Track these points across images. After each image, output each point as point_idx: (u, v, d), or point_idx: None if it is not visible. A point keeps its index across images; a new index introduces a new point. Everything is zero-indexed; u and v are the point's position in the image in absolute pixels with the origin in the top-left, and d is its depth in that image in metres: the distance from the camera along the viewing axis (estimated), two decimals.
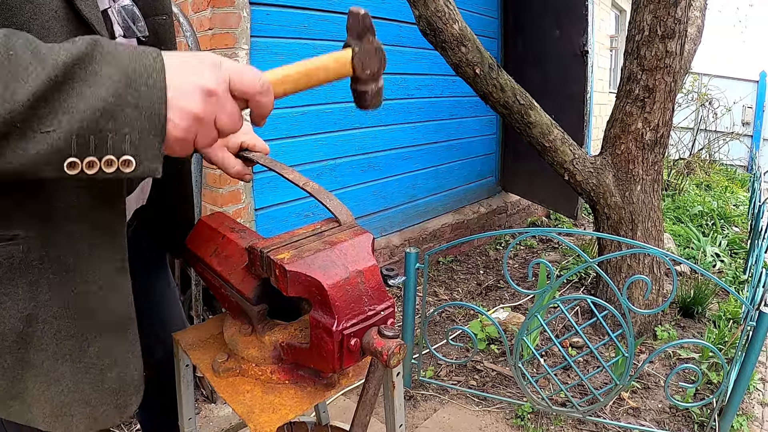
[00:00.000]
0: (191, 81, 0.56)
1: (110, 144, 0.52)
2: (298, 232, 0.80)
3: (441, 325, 2.94)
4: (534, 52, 3.94)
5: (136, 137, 0.53)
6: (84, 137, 0.51)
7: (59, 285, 0.69)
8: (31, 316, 0.68)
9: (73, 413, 0.72)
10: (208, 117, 0.58)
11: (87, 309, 0.71)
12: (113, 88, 0.51)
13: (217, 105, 0.59)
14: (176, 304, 1.19)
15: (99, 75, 0.51)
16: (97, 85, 0.51)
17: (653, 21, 2.42)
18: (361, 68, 0.77)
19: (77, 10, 0.62)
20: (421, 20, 2.40)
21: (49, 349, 0.70)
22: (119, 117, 0.52)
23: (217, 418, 2.04)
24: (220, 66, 0.59)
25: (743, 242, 4.43)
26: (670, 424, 2.12)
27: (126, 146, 0.53)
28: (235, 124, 0.62)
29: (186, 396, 1.06)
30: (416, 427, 2.10)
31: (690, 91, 8.04)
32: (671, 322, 2.93)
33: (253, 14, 2.41)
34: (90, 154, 0.52)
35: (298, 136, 2.73)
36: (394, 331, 0.71)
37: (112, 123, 0.51)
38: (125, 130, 0.52)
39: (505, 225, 4.57)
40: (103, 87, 0.51)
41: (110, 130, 0.52)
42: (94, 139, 0.51)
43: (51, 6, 0.59)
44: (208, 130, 0.60)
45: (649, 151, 2.60)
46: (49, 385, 0.70)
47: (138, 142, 0.53)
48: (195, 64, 0.58)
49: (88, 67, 0.51)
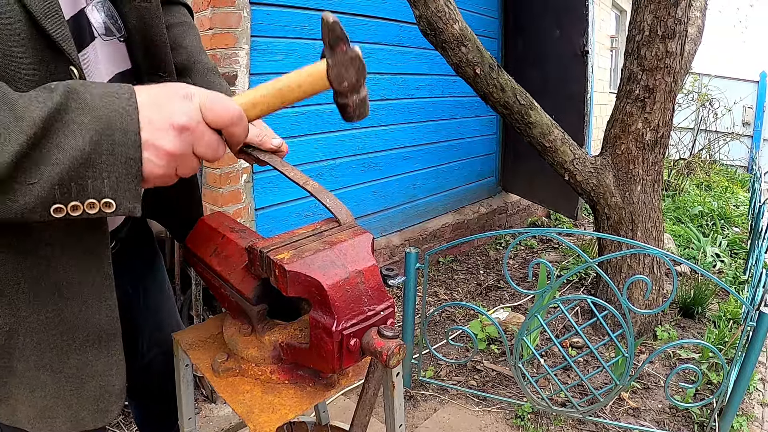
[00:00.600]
0: (164, 119, 0.57)
1: (91, 189, 0.54)
2: (298, 232, 0.79)
3: (441, 325, 2.94)
4: (534, 52, 3.94)
5: (114, 181, 0.55)
6: (66, 185, 0.53)
7: (39, 301, 0.70)
8: (12, 330, 0.69)
9: (55, 416, 0.74)
10: (185, 151, 0.59)
11: (67, 324, 0.72)
12: (89, 137, 0.53)
13: (193, 138, 0.59)
14: (172, 308, 1.19)
15: (75, 125, 0.53)
16: (74, 135, 0.53)
17: (653, 21, 2.42)
18: (337, 81, 0.71)
19: (42, 29, 0.60)
20: (422, 20, 2.39)
21: (30, 360, 0.71)
22: (97, 164, 0.54)
23: (216, 417, 2.04)
24: (191, 99, 0.59)
25: (743, 242, 4.42)
26: (670, 424, 2.12)
27: (105, 190, 0.55)
28: (214, 152, 0.62)
29: (186, 396, 1.06)
30: (416, 427, 2.10)
31: (690, 92, 8.04)
32: (671, 323, 2.93)
33: (253, 14, 2.41)
34: (73, 199, 0.54)
35: (297, 136, 2.73)
36: (393, 331, 0.71)
37: (91, 170, 0.54)
38: (104, 176, 0.54)
39: (505, 225, 4.57)
40: (80, 137, 0.53)
41: (90, 177, 0.54)
42: (75, 186, 0.53)
43: (11, 29, 0.58)
44: (187, 162, 0.60)
45: (650, 151, 2.60)
46: (32, 390, 0.72)
47: (117, 186, 0.55)
48: (166, 99, 0.58)
49: (65, 118, 0.53)
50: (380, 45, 3.16)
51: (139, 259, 1.04)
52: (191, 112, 0.58)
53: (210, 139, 0.61)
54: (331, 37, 0.70)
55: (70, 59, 0.63)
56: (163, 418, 1.22)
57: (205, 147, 0.60)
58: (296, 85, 0.71)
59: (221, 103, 0.61)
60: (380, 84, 3.21)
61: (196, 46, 1.00)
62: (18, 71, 0.59)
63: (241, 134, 0.64)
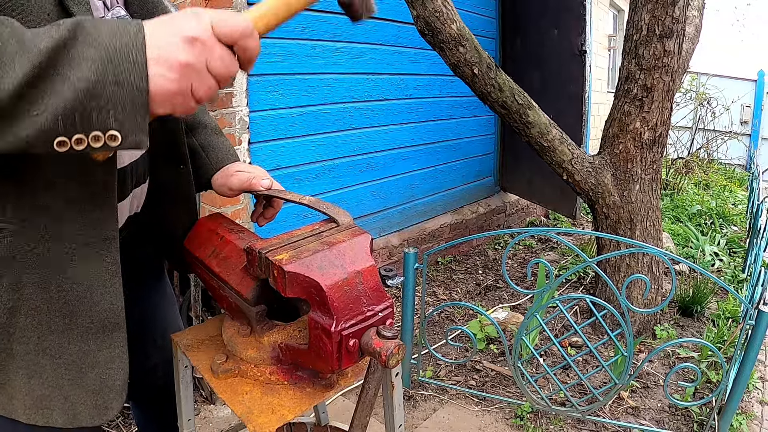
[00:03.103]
0: (173, 33, 0.57)
1: (95, 120, 0.54)
2: (297, 233, 0.79)
3: (440, 325, 2.94)
4: (532, 51, 3.95)
5: (119, 112, 0.54)
6: (70, 117, 0.53)
7: (43, 281, 0.70)
8: (14, 308, 0.70)
9: (52, 407, 0.74)
10: (199, 63, 0.58)
11: (71, 308, 0.72)
12: (95, 68, 0.53)
13: (205, 50, 0.58)
14: (174, 312, 1.19)
15: (81, 57, 0.53)
16: (79, 67, 0.52)
17: (651, 20, 2.42)
18: None
19: (71, 13, 0.64)
20: (419, 20, 2.39)
21: (30, 342, 0.71)
22: (102, 95, 0.53)
23: (216, 419, 2.04)
24: (201, 14, 0.59)
25: (742, 241, 4.43)
26: (669, 423, 2.12)
27: (111, 121, 0.54)
28: (228, 67, 0.61)
29: (185, 397, 1.06)
30: (416, 427, 2.10)
31: (688, 91, 8.05)
32: (670, 321, 2.94)
33: None
34: (77, 131, 0.54)
35: (296, 136, 2.73)
36: (392, 331, 0.71)
37: (95, 101, 0.53)
38: (109, 107, 0.54)
39: (504, 225, 4.57)
40: (85, 68, 0.52)
41: (94, 108, 0.53)
42: (79, 117, 0.53)
43: (43, 9, 0.61)
44: (203, 78, 0.59)
45: (648, 150, 2.60)
46: (30, 377, 0.72)
47: (122, 117, 0.55)
48: (175, 19, 0.58)
49: (71, 50, 0.52)
50: (378, 45, 3.16)
51: (140, 262, 1.04)
52: (202, 25, 0.58)
53: (222, 52, 0.60)
54: None
55: None
56: (164, 420, 1.22)
57: (218, 61, 0.59)
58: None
59: (231, 17, 0.60)
60: (378, 84, 3.21)
61: (200, 108, 1.03)
62: None
63: (254, 48, 0.63)
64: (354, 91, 3.06)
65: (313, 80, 2.78)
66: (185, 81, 0.57)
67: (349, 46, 2.95)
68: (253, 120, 2.47)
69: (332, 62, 2.86)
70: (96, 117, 0.54)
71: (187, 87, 0.58)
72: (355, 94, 3.07)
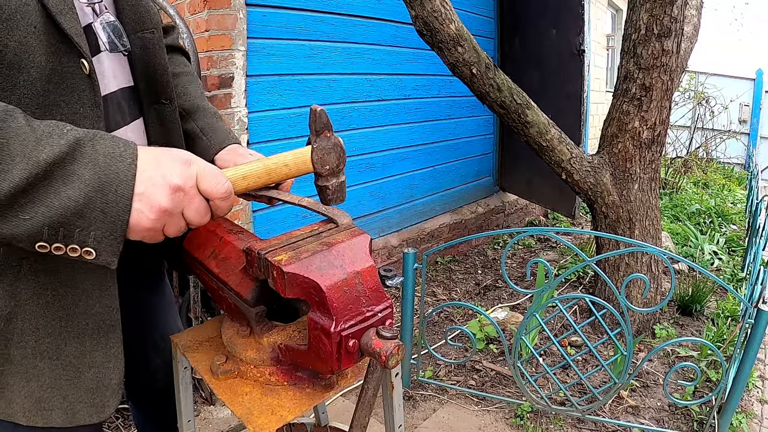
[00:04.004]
0: (161, 176, 0.62)
1: (76, 236, 0.58)
2: (296, 234, 0.79)
3: (440, 325, 2.94)
4: (530, 51, 3.95)
5: (99, 235, 0.59)
6: (55, 229, 0.57)
7: (39, 286, 0.71)
8: (11, 314, 0.71)
9: (51, 407, 0.75)
10: (176, 210, 0.63)
11: (67, 311, 0.74)
12: (86, 191, 0.57)
13: (185, 200, 0.64)
14: (174, 314, 1.19)
15: (75, 176, 0.57)
16: (72, 186, 0.57)
17: (650, 20, 2.42)
18: (320, 164, 0.81)
19: (57, 24, 0.65)
20: (418, 20, 2.39)
21: (28, 346, 0.72)
22: (87, 217, 0.58)
23: (216, 420, 2.04)
24: (190, 165, 0.65)
25: (741, 240, 4.43)
26: (669, 422, 2.12)
27: (90, 241, 0.59)
28: (201, 217, 0.67)
29: (184, 398, 1.06)
30: (415, 427, 2.10)
31: (687, 90, 8.06)
32: (670, 321, 2.94)
33: (249, 16, 2.41)
34: (58, 241, 0.58)
35: (295, 137, 2.72)
36: (392, 331, 0.71)
37: (80, 221, 0.58)
38: (91, 229, 0.59)
39: (503, 225, 4.57)
40: (77, 188, 0.57)
41: (78, 226, 0.58)
42: (63, 231, 0.58)
43: (29, 21, 0.63)
44: (176, 221, 0.65)
45: (647, 149, 2.60)
46: (28, 380, 0.73)
47: (100, 239, 0.59)
48: (167, 161, 0.63)
49: (68, 167, 0.57)
50: (377, 45, 3.16)
51: (140, 263, 1.04)
52: (187, 176, 0.64)
53: (199, 204, 0.66)
54: (317, 123, 0.80)
55: (81, 52, 0.68)
56: (164, 421, 1.22)
57: (194, 211, 0.65)
58: (283, 164, 0.79)
59: (215, 177, 0.67)
60: (377, 85, 3.21)
61: (199, 93, 1.07)
62: (32, 60, 0.63)
63: (226, 209, 0.70)
64: (353, 92, 3.06)
65: (311, 81, 2.78)
66: (160, 222, 0.63)
67: (348, 46, 2.95)
68: (252, 121, 2.47)
69: (331, 63, 2.86)
70: (77, 234, 0.58)
71: (161, 226, 0.63)
72: (354, 94, 3.07)
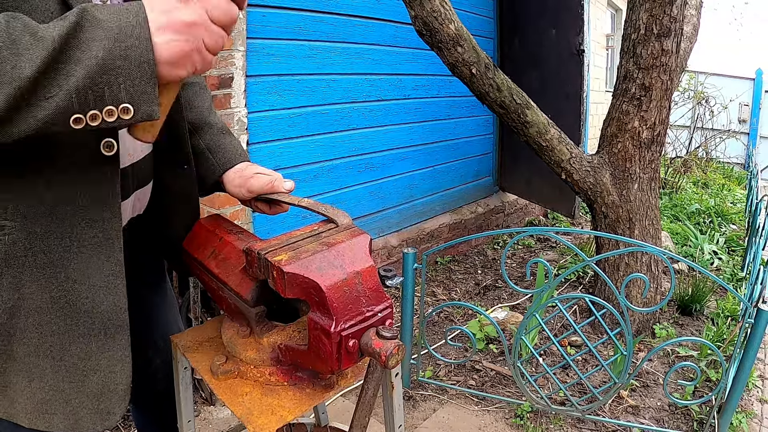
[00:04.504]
0: (172, 1, 0.60)
1: (108, 95, 0.57)
2: (296, 234, 0.79)
3: (439, 325, 2.94)
4: (530, 51, 3.95)
5: (130, 85, 0.58)
6: (83, 94, 0.56)
7: (45, 279, 0.69)
8: (14, 307, 0.69)
9: (53, 411, 0.73)
10: (202, 18, 0.62)
11: (72, 308, 0.71)
12: (103, 46, 0.56)
13: (203, 4, 0.62)
14: (174, 314, 1.19)
15: (90, 39, 0.56)
16: (88, 48, 0.56)
17: (649, 19, 2.42)
18: None
19: (70, 6, 0.64)
20: (417, 20, 2.39)
21: (31, 343, 0.70)
22: (112, 70, 0.57)
23: (216, 420, 2.04)
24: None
25: (741, 240, 4.44)
26: (669, 422, 2.12)
27: (122, 95, 0.58)
28: (227, 12, 0.64)
29: (184, 398, 1.06)
30: (415, 427, 2.10)
31: (686, 90, 8.06)
32: (669, 320, 2.94)
33: (249, 16, 2.41)
34: (91, 107, 0.57)
35: (295, 137, 2.72)
36: (392, 331, 0.71)
37: (106, 76, 0.57)
38: (119, 81, 0.57)
39: (503, 225, 4.57)
40: (94, 48, 0.56)
41: (105, 83, 0.57)
42: (92, 94, 0.57)
43: (47, 7, 0.63)
44: (212, 31, 0.63)
45: (646, 149, 2.60)
46: (30, 380, 0.71)
47: (132, 89, 0.58)
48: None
49: (79, 35, 0.56)
50: (376, 45, 3.16)
51: (141, 263, 1.04)
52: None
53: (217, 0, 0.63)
54: None
55: None
56: (164, 422, 1.22)
57: (217, 9, 0.62)
58: None
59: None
60: (377, 84, 3.21)
61: (207, 107, 1.05)
62: None
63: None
64: (352, 92, 3.06)
65: (311, 81, 2.78)
66: (195, 37, 0.61)
67: (347, 46, 2.95)
68: (252, 121, 2.47)
69: (330, 63, 2.86)
70: (108, 92, 0.57)
71: (199, 42, 0.62)
72: (354, 94, 3.07)
